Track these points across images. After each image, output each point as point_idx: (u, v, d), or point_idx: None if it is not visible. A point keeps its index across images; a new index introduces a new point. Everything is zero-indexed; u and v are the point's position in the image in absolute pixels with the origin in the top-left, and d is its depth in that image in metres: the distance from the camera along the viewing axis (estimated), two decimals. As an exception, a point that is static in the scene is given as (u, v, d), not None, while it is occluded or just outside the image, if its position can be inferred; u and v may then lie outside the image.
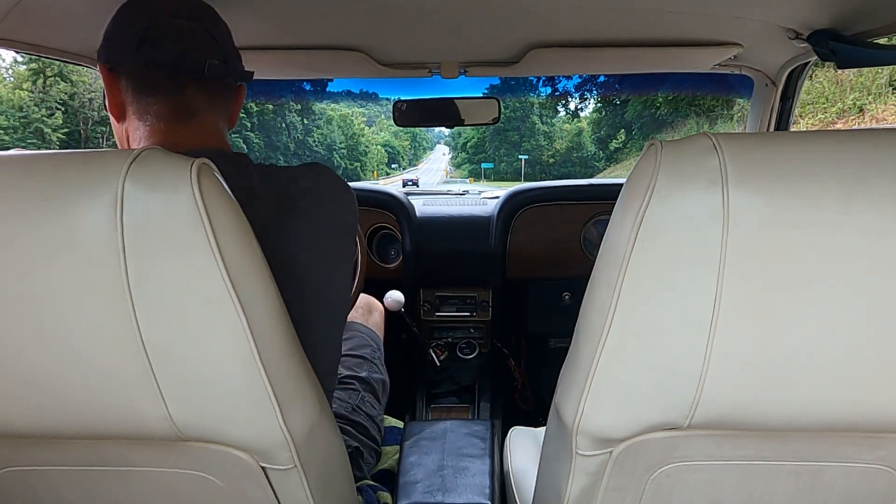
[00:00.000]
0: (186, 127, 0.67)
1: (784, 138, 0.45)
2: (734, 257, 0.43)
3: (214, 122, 0.70)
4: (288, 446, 0.54)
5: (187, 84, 0.66)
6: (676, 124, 24.52)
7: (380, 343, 1.35)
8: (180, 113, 0.67)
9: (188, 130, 0.68)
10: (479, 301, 1.77)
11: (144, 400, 0.48)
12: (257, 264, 0.49)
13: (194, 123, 0.68)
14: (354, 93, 45.92)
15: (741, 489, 0.60)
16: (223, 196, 0.46)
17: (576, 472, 0.58)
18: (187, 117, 0.67)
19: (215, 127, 0.70)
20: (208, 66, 0.65)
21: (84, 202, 0.43)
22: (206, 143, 0.68)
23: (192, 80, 0.66)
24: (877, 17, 0.92)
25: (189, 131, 0.68)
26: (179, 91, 0.66)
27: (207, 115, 0.69)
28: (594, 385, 0.51)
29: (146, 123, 0.66)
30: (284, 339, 0.53)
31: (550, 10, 1.01)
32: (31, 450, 0.57)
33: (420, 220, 1.71)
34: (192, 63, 0.65)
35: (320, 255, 0.69)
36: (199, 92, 0.67)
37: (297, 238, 0.66)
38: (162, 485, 0.60)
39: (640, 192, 0.45)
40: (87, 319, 0.45)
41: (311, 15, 1.02)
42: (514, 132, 47.17)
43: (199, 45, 0.66)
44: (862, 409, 0.49)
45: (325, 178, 0.71)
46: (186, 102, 0.67)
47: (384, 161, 56.64)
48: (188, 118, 0.67)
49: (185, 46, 0.65)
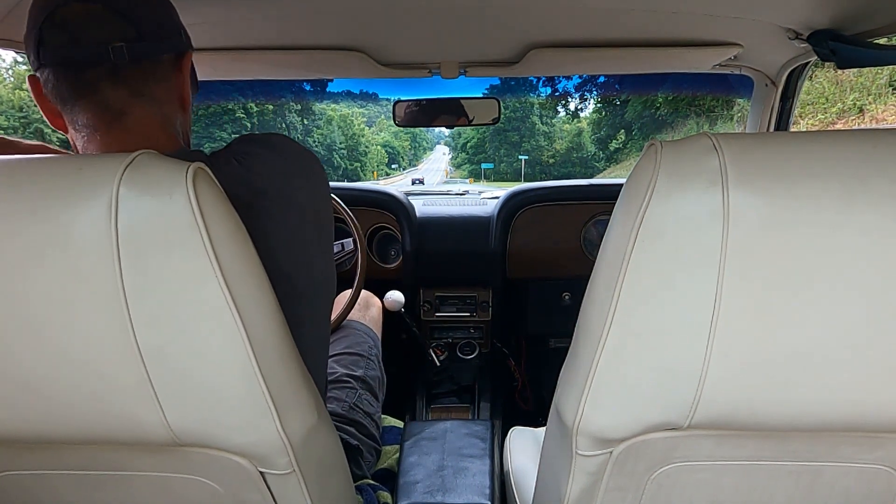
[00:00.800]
0: (117, 131, 0.58)
1: (784, 138, 0.45)
2: (734, 257, 0.43)
3: (148, 117, 0.60)
4: (286, 451, 0.54)
5: (98, 80, 0.56)
6: (676, 124, 24.52)
7: (377, 339, 1.35)
8: (104, 116, 0.58)
9: (119, 134, 0.59)
10: (479, 301, 1.77)
11: (141, 406, 0.48)
12: (254, 268, 0.49)
13: (123, 125, 0.58)
14: (354, 93, 45.85)
15: (741, 489, 0.60)
16: (219, 200, 0.45)
17: (576, 473, 0.58)
18: (114, 120, 0.58)
19: (151, 123, 0.60)
20: (113, 52, 0.55)
21: (78, 207, 0.42)
22: (141, 145, 0.53)
23: (101, 73, 0.56)
24: (877, 17, 0.92)
25: (120, 135, 0.59)
26: (93, 91, 0.57)
27: (136, 111, 0.59)
28: (594, 385, 0.51)
29: (81, 135, 0.59)
30: (281, 343, 0.52)
31: (550, 11, 1.02)
32: (30, 454, 0.57)
33: (420, 220, 1.72)
34: (91, 54, 0.54)
35: (287, 247, 0.62)
36: (116, 86, 0.57)
37: (261, 239, 0.58)
38: (161, 490, 0.59)
39: (640, 193, 0.45)
40: (83, 325, 0.45)
41: (311, 15, 1.02)
42: (514, 132, 47.17)
43: (98, 29, 0.55)
44: (862, 409, 0.49)
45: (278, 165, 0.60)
46: (106, 102, 0.57)
47: (384, 161, 56.63)
48: (115, 121, 0.58)
49: (81, 36, 0.54)
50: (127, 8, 0.56)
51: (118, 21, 0.55)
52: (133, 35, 0.56)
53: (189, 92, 0.65)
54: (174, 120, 0.63)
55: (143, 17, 0.57)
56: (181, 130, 0.65)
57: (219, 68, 1.27)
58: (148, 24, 0.58)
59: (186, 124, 0.67)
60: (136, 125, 0.59)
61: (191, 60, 0.65)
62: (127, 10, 0.56)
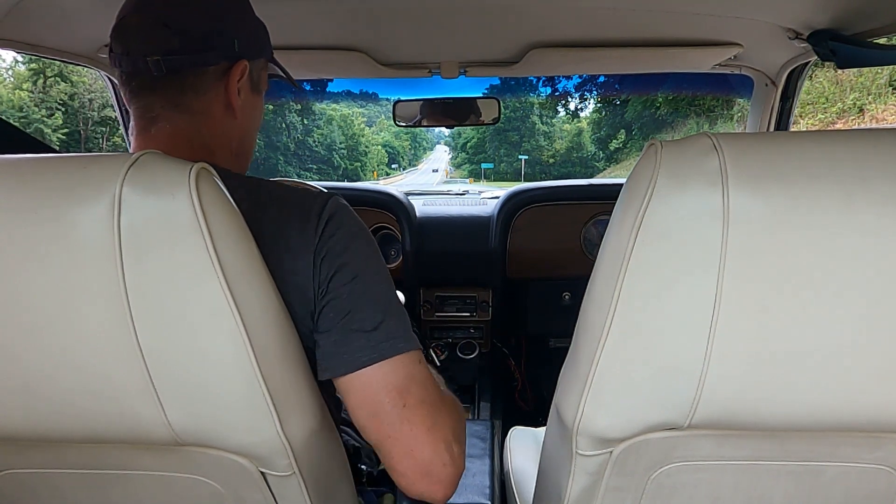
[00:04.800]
0: (146, 137, 0.61)
1: (784, 138, 0.45)
2: (734, 257, 0.43)
3: (176, 128, 0.61)
4: (286, 453, 0.54)
5: (140, 89, 0.60)
6: (676, 124, 24.51)
7: None
8: (142, 121, 0.61)
9: (144, 142, 0.61)
10: (479, 301, 1.77)
11: (142, 405, 0.48)
12: (256, 270, 0.49)
13: (151, 133, 0.61)
14: (354, 93, 45.88)
15: (741, 489, 0.60)
16: (222, 201, 0.46)
17: (576, 472, 0.58)
18: (146, 126, 0.61)
19: (177, 133, 0.61)
20: (151, 64, 0.57)
21: (82, 206, 0.43)
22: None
23: (142, 83, 0.59)
24: (877, 17, 0.92)
25: (145, 143, 0.61)
26: (137, 97, 0.60)
27: (168, 122, 0.61)
28: (594, 385, 0.51)
29: (131, 135, 0.63)
30: (283, 345, 0.52)
31: (550, 11, 1.02)
32: (31, 453, 0.57)
33: (420, 220, 1.71)
34: (136, 64, 0.58)
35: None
36: (153, 95, 0.60)
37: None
38: (162, 489, 0.59)
39: (640, 193, 0.45)
40: (85, 324, 0.45)
41: (311, 15, 1.02)
42: (514, 132, 47.14)
43: (144, 41, 0.57)
44: (862, 409, 0.49)
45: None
46: (144, 109, 0.60)
47: (384, 161, 56.59)
48: (146, 128, 0.61)
49: (130, 47, 0.58)
50: (176, 19, 0.58)
51: (163, 33, 0.57)
52: (176, 46, 0.58)
53: (236, 102, 0.65)
54: (212, 132, 0.64)
55: (190, 28, 0.59)
56: (222, 143, 0.65)
57: None
58: (193, 35, 0.59)
59: (235, 133, 0.67)
60: (161, 134, 0.61)
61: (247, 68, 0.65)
62: (176, 21, 0.58)
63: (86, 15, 0.90)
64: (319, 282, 0.57)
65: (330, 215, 0.58)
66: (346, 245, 0.58)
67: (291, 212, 0.58)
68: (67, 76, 21.66)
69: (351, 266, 0.58)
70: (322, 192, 0.62)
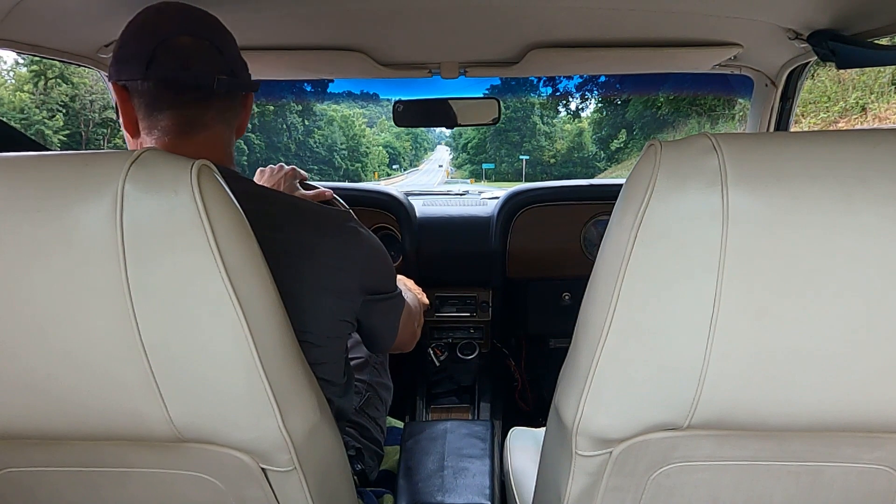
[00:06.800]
0: (190, 141, 0.68)
1: (784, 138, 0.45)
2: (734, 257, 0.43)
3: (220, 136, 0.71)
4: (287, 448, 0.54)
5: (194, 100, 0.67)
6: (678, 124, 24.47)
7: None
8: (185, 127, 0.67)
9: (192, 144, 0.68)
10: (479, 301, 1.77)
11: (144, 401, 0.48)
12: (257, 266, 0.49)
13: (199, 138, 0.68)
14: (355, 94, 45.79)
15: (741, 489, 0.60)
16: (223, 198, 0.46)
17: (576, 473, 0.58)
18: (192, 132, 0.68)
19: (220, 141, 0.71)
20: (217, 82, 0.66)
21: (84, 203, 0.43)
22: (202, 155, 0.65)
23: (199, 95, 0.67)
24: (877, 17, 0.92)
25: (192, 145, 0.68)
26: (186, 106, 0.67)
27: (214, 129, 0.69)
28: (594, 385, 0.51)
29: (153, 138, 0.68)
30: (284, 341, 0.53)
31: (550, 11, 1.02)
32: (31, 451, 0.57)
33: (420, 220, 1.71)
34: (199, 79, 0.66)
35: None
36: (207, 107, 0.68)
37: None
38: (162, 486, 0.60)
39: (639, 193, 0.45)
40: (87, 321, 0.45)
41: (311, 15, 1.02)
42: (515, 133, 47.10)
43: (205, 61, 0.67)
44: (862, 409, 0.49)
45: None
46: (192, 117, 0.68)
47: (385, 162, 56.57)
48: (193, 133, 0.68)
49: (192, 63, 0.66)
50: (226, 48, 0.69)
51: (220, 57, 0.68)
52: (229, 71, 0.68)
53: (246, 123, 0.78)
54: (231, 144, 0.75)
55: (235, 58, 0.70)
56: (232, 152, 0.77)
57: None
58: (238, 64, 0.71)
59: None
60: (207, 139, 0.69)
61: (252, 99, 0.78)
62: (226, 50, 0.69)
63: (87, 15, 0.90)
64: None
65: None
66: None
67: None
68: (68, 78, 21.68)
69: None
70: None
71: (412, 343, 1.01)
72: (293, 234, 0.67)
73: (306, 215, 0.70)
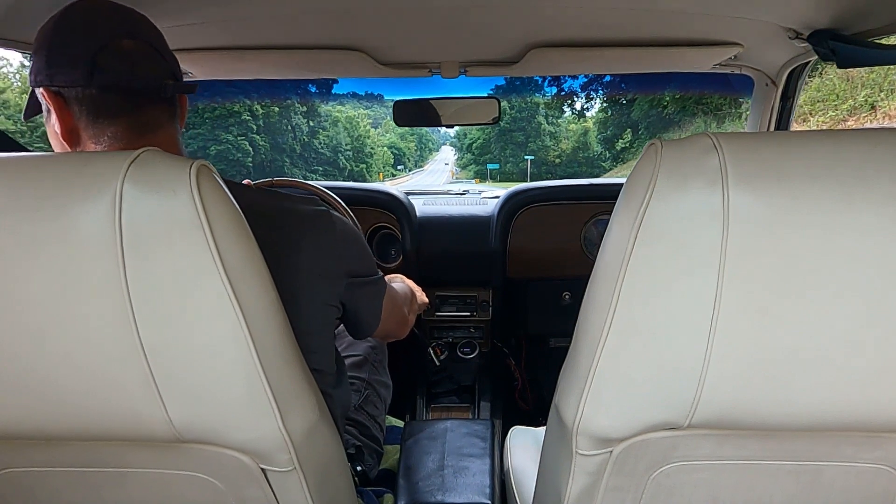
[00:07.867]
0: (147, 139, 0.66)
1: (784, 138, 0.45)
2: (734, 257, 0.43)
3: (174, 135, 0.70)
4: (287, 448, 0.54)
5: (144, 104, 0.65)
6: (683, 123, 24.32)
7: (382, 344, 1.35)
8: (138, 130, 0.65)
9: (147, 144, 0.65)
10: (479, 301, 1.77)
11: (143, 402, 0.48)
12: (256, 266, 0.49)
13: (157, 139, 0.67)
14: (360, 94, 45.80)
15: (741, 489, 0.60)
16: (222, 198, 0.46)
17: (576, 472, 0.58)
18: (149, 133, 0.66)
19: (175, 139, 0.70)
20: (165, 87, 0.66)
21: (83, 203, 0.43)
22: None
23: (148, 99, 0.66)
24: (877, 17, 0.92)
25: (147, 144, 0.66)
26: (139, 110, 0.65)
27: (168, 129, 0.69)
28: (594, 385, 0.51)
29: (102, 146, 0.64)
30: (283, 341, 0.53)
31: (551, 10, 1.01)
32: (30, 451, 0.57)
33: (420, 220, 1.71)
34: (146, 84, 0.65)
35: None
36: (157, 109, 0.67)
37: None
38: (161, 486, 0.60)
39: (640, 192, 0.45)
40: (86, 321, 0.45)
41: (311, 15, 1.02)
42: (520, 133, 46.95)
43: (149, 66, 0.65)
44: (862, 409, 0.49)
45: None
46: (144, 120, 0.66)
47: (390, 162, 56.49)
48: (150, 134, 0.66)
49: (138, 69, 0.64)
50: (163, 49, 0.68)
51: (161, 60, 0.67)
52: (171, 74, 0.68)
53: (185, 119, 0.77)
54: (181, 142, 0.74)
55: (172, 58, 0.70)
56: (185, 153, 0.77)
57: (219, 68, 1.27)
58: (175, 65, 0.70)
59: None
60: (164, 140, 0.68)
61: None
62: (164, 51, 0.68)
63: None
64: None
65: None
66: None
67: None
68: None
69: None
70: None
71: (401, 331, 1.03)
72: (272, 226, 0.66)
73: (278, 203, 0.70)
